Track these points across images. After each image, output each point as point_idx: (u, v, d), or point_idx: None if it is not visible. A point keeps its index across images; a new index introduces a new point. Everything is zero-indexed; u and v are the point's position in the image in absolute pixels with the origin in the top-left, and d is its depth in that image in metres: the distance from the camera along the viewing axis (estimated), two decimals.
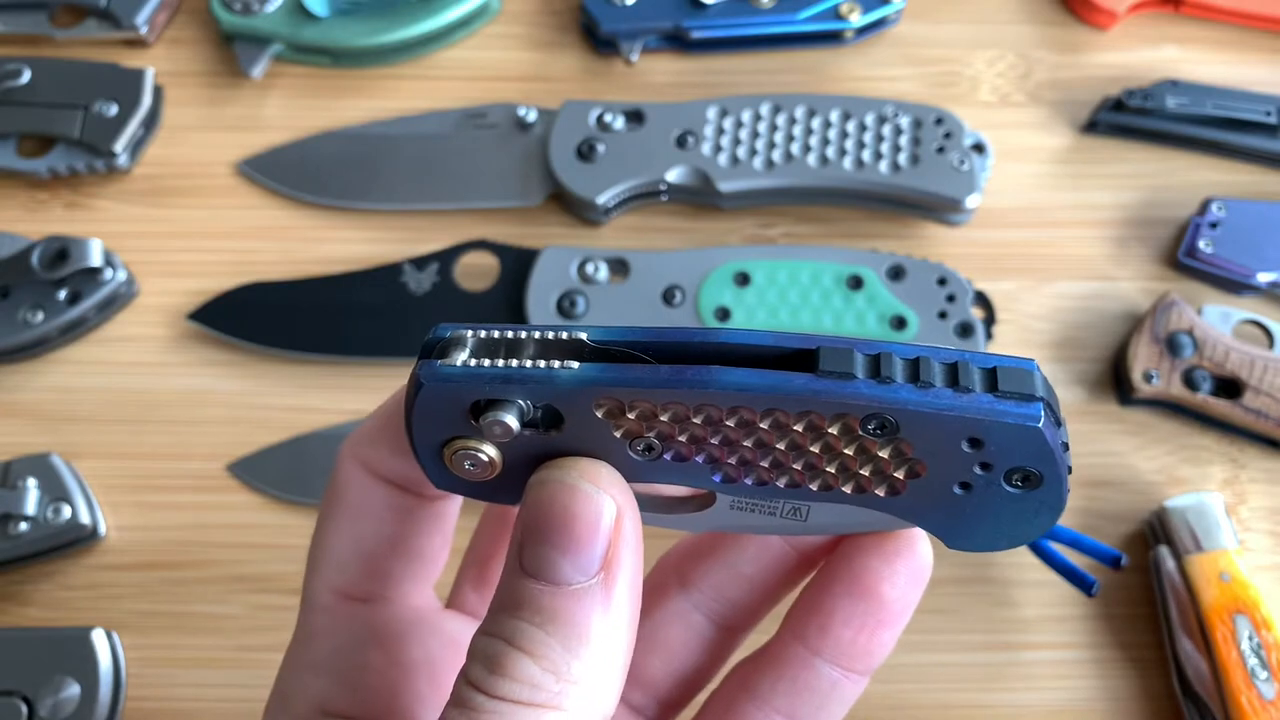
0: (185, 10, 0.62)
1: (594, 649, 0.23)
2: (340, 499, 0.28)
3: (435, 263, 0.54)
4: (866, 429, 0.23)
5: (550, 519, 0.24)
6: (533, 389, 0.24)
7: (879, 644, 0.28)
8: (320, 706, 0.26)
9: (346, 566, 0.28)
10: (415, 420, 0.25)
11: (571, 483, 0.24)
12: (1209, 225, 0.54)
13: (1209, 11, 0.61)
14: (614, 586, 0.24)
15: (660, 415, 0.24)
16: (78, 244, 0.52)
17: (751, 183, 0.54)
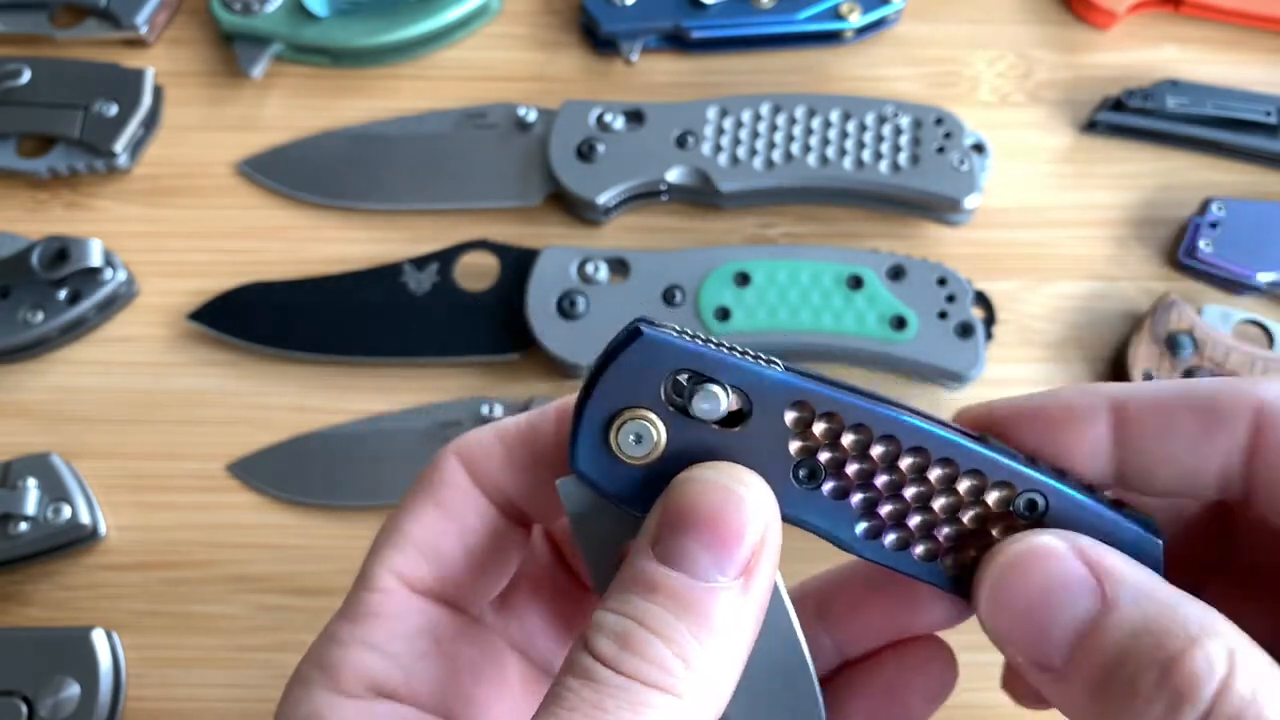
0: (185, 10, 0.62)
1: (720, 645, 0.23)
2: (432, 492, 0.28)
3: (435, 263, 0.54)
4: (1018, 504, 0.25)
5: (701, 515, 0.24)
6: (742, 374, 0.25)
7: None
8: (372, 682, 0.26)
9: (420, 558, 0.27)
10: (610, 374, 0.25)
11: (729, 485, 0.24)
12: (1209, 225, 0.54)
13: (1209, 11, 0.61)
14: (749, 593, 0.24)
15: (844, 436, 0.25)
16: (78, 244, 0.52)
17: (751, 183, 0.54)
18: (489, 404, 0.51)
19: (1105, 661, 0.22)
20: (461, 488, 0.28)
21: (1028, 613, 0.23)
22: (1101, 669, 0.22)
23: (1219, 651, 0.21)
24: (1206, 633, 0.21)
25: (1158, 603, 0.22)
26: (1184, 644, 0.21)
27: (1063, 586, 0.23)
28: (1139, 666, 0.21)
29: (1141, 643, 0.22)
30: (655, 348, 0.25)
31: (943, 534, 0.26)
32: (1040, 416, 0.26)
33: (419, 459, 0.50)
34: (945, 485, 0.25)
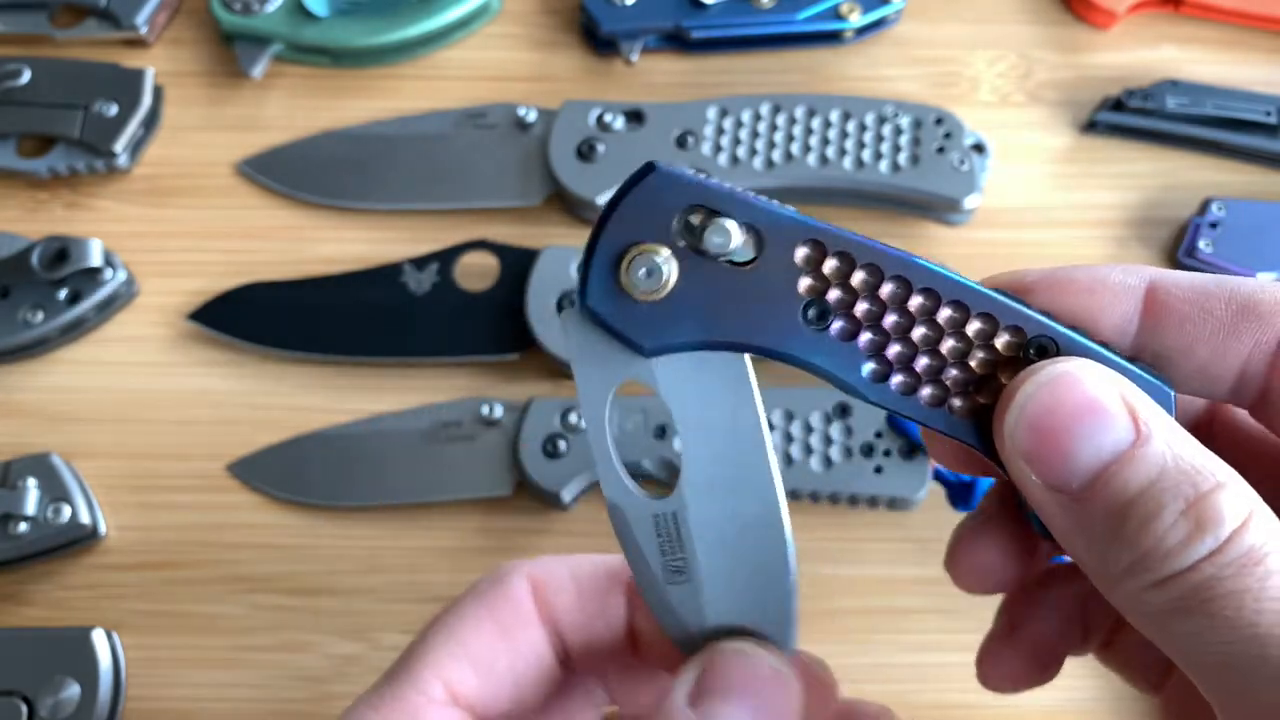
0: (185, 10, 0.62)
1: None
2: (495, 608, 0.27)
3: (435, 263, 0.54)
4: (1029, 349, 0.26)
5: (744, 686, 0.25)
6: (754, 211, 0.25)
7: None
8: None
9: (471, 673, 0.27)
10: (624, 208, 0.25)
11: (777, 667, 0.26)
12: (1209, 225, 0.54)
13: (1209, 11, 0.61)
14: None
15: (854, 275, 0.25)
16: (78, 244, 0.52)
17: (751, 183, 0.54)
18: (489, 404, 0.51)
19: (1131, 489, 0.22)
20: (526, 613, 0.27)
21: (1058, 431, 0.23)
22: (1125, 496, 0.22)
23: (1243, 499, 0.22)
24: (1233, 481, 0.22)
25: (1189, 447, 0.23)
26: (1213, 485, 0.22)
27: (1098, 412, 0.23)
28: (1165, 496, 0.22)
29: (1170, 477, 0.22)
30: (669, 182, 0.25)
31: (950, 377, 0.26)
32: (1071, 286, 0.26)
33: (419, 459, 0.50)
34: (955, 328, 0.26)
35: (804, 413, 0.49)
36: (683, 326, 0.25)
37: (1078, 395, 0.23)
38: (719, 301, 0.25)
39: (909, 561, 0.49)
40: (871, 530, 0.50)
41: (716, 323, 0.26)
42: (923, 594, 0.49)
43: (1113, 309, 0.26)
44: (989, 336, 0.26)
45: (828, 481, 0.48)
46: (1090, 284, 0.26)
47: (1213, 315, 0.25)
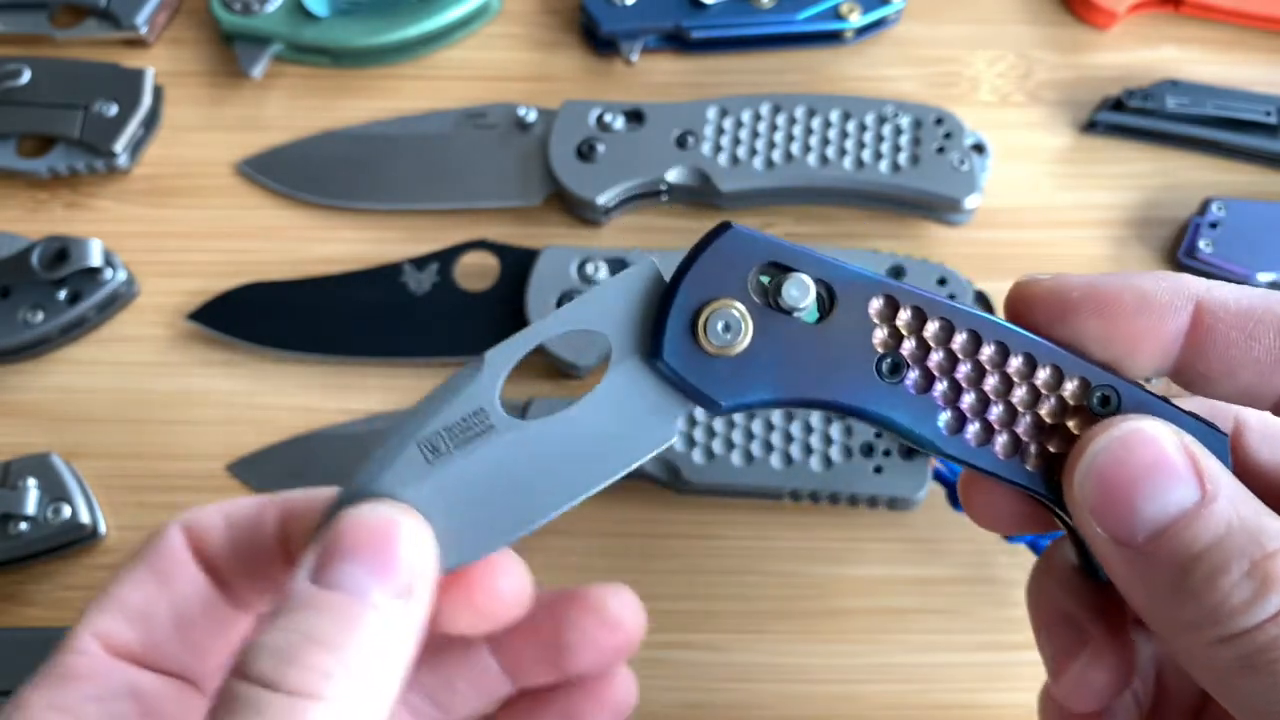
0: (185, 10, 0.62)
1: (382, 657, 0.24)
2: (148, 559, 0.28)
3: (435, 263, 0.54)
4: (1094, 398, 0.26)
5: (359, 541, 0.25)
6: (827, 268, 0.26)
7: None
8: None
9: (126, 623, 0.27)
10: (700, 264, 0.26)
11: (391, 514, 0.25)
12: (1209, 225, 0.54)
13: (1209, 11, 0.61)
14: (410, 613, 0.25)
15: (926, 327, 0.26)
16: (78, 244, 0.52)
17: (751, 183, 0.54)
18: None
19: (1197, 546, 0.23)
20: (179, 558, 0.28)
21: (1125, 487, 0.24)
22: (1191, 552, 0.23)
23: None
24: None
25: (1252, 508, 0.24)
26: (1278, 547, 0.23)
27: (1165, 471, 0.24)
28: (1231, 554, 0.23)
29: (1236, 537, 0.23)
30: (744, 239, 0.26)
31: (1022, 426, 0.27)
32: (1117, 308, 0.27)
33: None
34: (1024, 379, 0.27)
35: (804, 413, 0.49)
36: (759, 383, 0.26)
37: (1147, 452, 0.24)
38: (794, 358, 0.26)
39: (909, 561, 0.49)
40: (871, 530, 0.50)
41: (792, 379, 0.26)
42: (923, 594, 0.49)
43: (1159, 333, 0.26)
44: (1057, 386, 0.27)
45: (828, 481, 0.48)
46: (1136, 306, 0.26)
47: (1259, 343, 0.25)
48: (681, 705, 0.47)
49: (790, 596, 0.49)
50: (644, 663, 0.47)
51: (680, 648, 0.48)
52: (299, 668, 0.23)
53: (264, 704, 0.22)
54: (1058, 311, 0.27)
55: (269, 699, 0.22)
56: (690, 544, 0.49)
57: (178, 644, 0.28)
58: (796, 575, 0.49)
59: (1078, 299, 0.27)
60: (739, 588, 0.49)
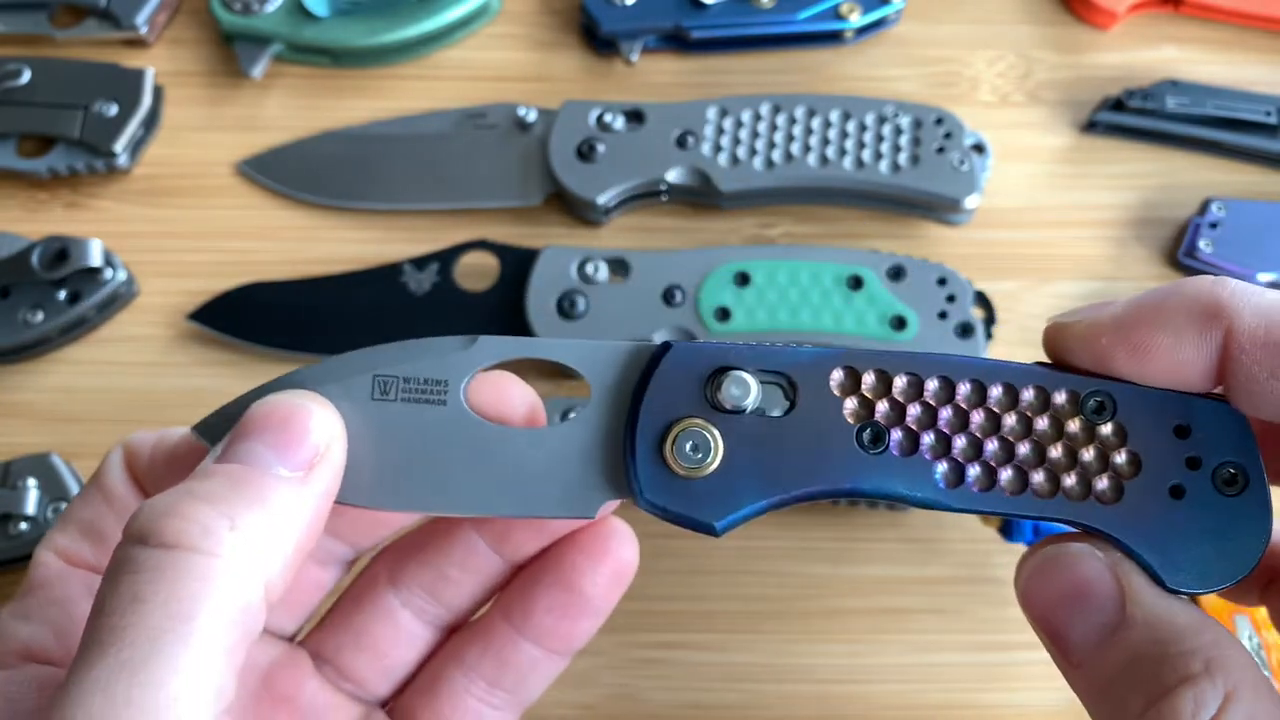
0: (185, 10, 0.62)
1: (272, 518, 0.24)
2: (98, 480, 0.29)
3: (435, 263, 0.54)
4: (1087, 408, 0.25)
5: (264, 422, 0.25)
6: (775, 357, 0.25)
7: (578, 632, 0.30)
8: (24, 650, 0.26)
9: (80, 536, 0.28)
10: (651, 389, 0.25)
11: (298, 399, 0.26)
12: (1209, 225, 0.54)
13: (1209, 11, 0.61)
14: (310, 486, 0.25)
15: (895, 384, 0.25)
16: (78, 244, 0.52)
17: (751, 183, 0.54)
18: None
19: (1109, 674, 0.23)
20: (117, 475, 0.29)
21: (1055, 607, 0.24)
22: (1104, 679, 0.23)
23: (1211, 693, 0.21)
24: (1208, 670, 0.22)
25: (1170, 629, 0.23)
26: (1177, 680, 0.22)
27: (1088, 592, 0.24)
28: (1132, 691, 0.22)
29: (1141, 668, 0.22)
30: (687, 355, 0.25)
31: (1021, 458, 0.25)
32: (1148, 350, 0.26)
33: None
34: (1008, 407, 0.25)
35: None
36: (745, 495, 0.25)
37: (1071, 575, 0.24)
38: (773, 458, 0.25)
39: (909, 561, 0.49)
40: (871, 530, 0.50)
41: (776, 480, 0.25)
42: (923, 594, 0.49)
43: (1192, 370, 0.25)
44: (1045, 406, 0.25)
45: None
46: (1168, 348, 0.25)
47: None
48: (681, 705, 0.47)
49: (789, 596, 0.49)
50: (644, 663, 0.48)
51: (680, 648, 0.48)
52: (177, 518, 0.22)
53: (142, 560, 0.22)
54: (1092, 358, 0.26)
55: (146, 555, 0.22)
56: (689, 544, 0.49)
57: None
58: (796, 575, 0.49)
59: (1107, 345, 0.26)
60: (738, 588, 0.49)
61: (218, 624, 0.22)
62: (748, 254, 0.52)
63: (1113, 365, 0.26)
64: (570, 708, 0.46)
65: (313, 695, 0.30)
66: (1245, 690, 0.22)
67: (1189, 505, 0.24)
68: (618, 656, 0.47)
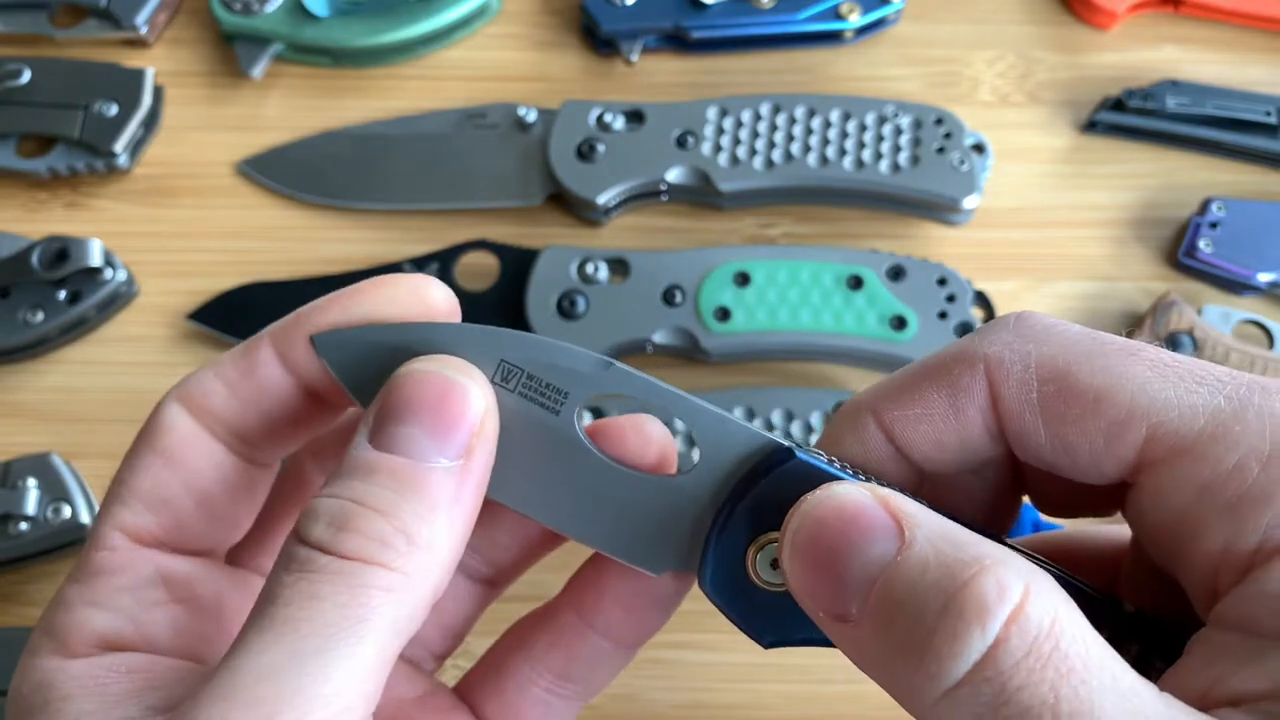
0: (185, 10, 0.62)
1: (443, 521, 0.23)
2: (153, 442, 0.27)
3: (435, 263, 0.54)
4: None
5: (422, 402, 0.24)
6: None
7: (647, 625, 0.29)
8: (100, 639, 0.26)
9: (145, 511, 0.27)
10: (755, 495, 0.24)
11: (450, 375, 0.24)
12: (1209, 225, 0.54)
13: (1209, 11, 0.61)
14: (469, 474, 0.24)
15: None
16: (78, 244, 0.52)
17: (751, 183, 0.54)
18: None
19: (894, 598, 0.21)
20: (185, 433, 0.27)
21: (827, 560, 0.22)
22: (890, 606, 0.21)
23: (1011, 578, 0.20)
24: (1000, 562, 0.20)
25: (954, 541, 0.21)
26: (974, 572, 0.20)
27: (862, 531, 0.22)
28: (926, 597, 0.20)
29: (930, 575, 0.20)
30: (802, 471, 0.24)
31: None
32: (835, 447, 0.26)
33: None
34: None
35: (804, 413, 0.49)
36: (806, 623, 0.23)
37: (840, 519, 0.22)
38: None
39: None
40: None
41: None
42: None
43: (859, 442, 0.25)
44: None
45: None
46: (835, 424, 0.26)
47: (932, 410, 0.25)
48: (681, 705, 0.47)
49: None
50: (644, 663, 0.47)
51: (680, 648, 0.48)
52: (354, 533, 0.22)
53: (321, 564, 0.22)
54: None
55: (325, 560, 0.22)
56: None
57: (201, 521, 0.27)
58: None
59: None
60: None
61: (389, 629, 0.22)
62: (748, 254, 0.52)
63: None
64: None
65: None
66: (1041, 577, 0.20)
67: None
68: None
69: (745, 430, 0.25)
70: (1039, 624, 0.19)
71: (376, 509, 0.23)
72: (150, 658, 0.25)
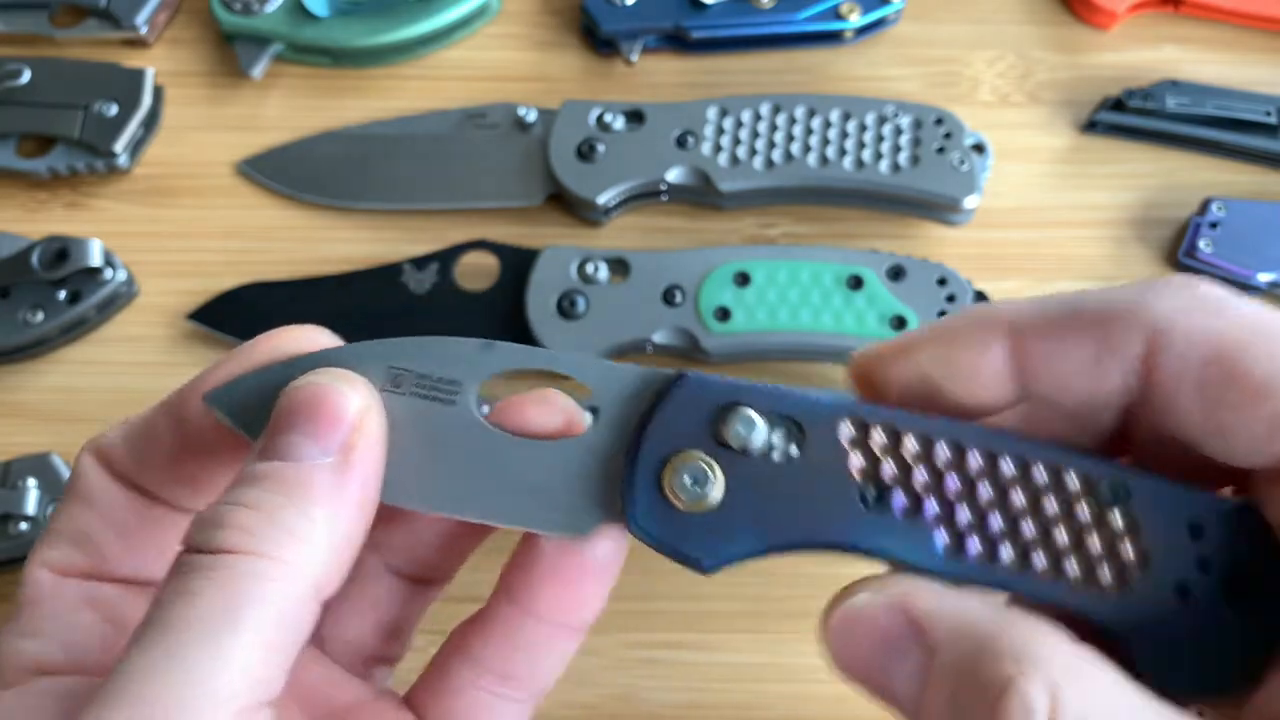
0: (185, 10, 0.62)
1: (321, 513, 0.24)
2: (73, 487, 0.29)
3: (435, 263, 0.54)
4: (1100, 493, 0.24)
5: (297, 409, 0.25)
6: (789, 400, 0.25)
7: (587, 599, 0.29)
8: (32, 666, 0.26)
9: (68, 547, 0.28)
10: (659, 416, 0.25)
11: (321, 381, 0.25)
12: (1209, 225, 0.54)
13: (1209, 11, 0.61)
14: (352, 466, 0.24)
15: (903, 444, 0.24)
16: (78, 244, 0.52)
17: (751, 183, 0.54)
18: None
19: (945, 711, 0.22)
20: (96, 479, 0.28)
21: (869, 677, 0.23)
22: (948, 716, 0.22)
23: (1038, 694, 0.20)
24: (1024, 671, 0.21)
25: (975, 639, 0.22)
26: (999, 690, 0.21)
27: (887, 645, 0.23)
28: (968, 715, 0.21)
29: (965, 693, 0.21)
30: (698, 386, 0.25)
31: (1026, 534, 0.24)
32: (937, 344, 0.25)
33: None
34: (1020, 479, 0.24)
35: None
36: (739, 537, 0.24)
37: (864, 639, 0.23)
38: (771, 503, 0.24)
39: None
40: None
41: (773, 527, 0.25)
42: None
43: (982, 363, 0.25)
44: (1057, 486, 0.24)
45: None
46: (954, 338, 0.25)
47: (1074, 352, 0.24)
48: (681, 705, 0.47)
49: (791, 596, 0.48)
50: (644, 663, 0.48)
51: (678, 648, 0.48)
52: (228, 529, 0.23)
53: (197, 563, 0.23)
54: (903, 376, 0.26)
55: (201, 559, 0.23)
56: None
57: (125, 553, 0.28)
58: (797, 574, 0.49)
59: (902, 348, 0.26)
60: (738, 588, 0.49)
61: (271, 616, 0.22)
62: (748, 254, 0.52)
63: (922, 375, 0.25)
64: (570, 708, 0.46)
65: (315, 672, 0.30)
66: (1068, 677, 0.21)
67: (1194, 608, 0.23)
68: (618, 656, 0.47)
69: (633, 369, 0.26)
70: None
71: (252, 506, 0.23)
72: (80, 680, 0.26)
